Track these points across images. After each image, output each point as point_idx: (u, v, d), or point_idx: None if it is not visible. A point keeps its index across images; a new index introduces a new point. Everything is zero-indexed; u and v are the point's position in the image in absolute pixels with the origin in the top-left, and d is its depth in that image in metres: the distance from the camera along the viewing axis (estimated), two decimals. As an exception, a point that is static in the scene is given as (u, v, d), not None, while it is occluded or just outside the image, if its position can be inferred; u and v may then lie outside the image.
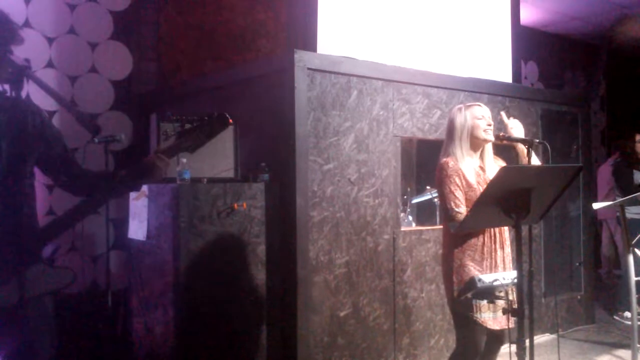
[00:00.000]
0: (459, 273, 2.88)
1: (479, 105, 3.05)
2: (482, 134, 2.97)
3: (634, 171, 5.84)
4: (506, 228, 3.01)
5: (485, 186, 2.88)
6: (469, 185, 2.91)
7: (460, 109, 3.03)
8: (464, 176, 2.92)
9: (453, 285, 2.89)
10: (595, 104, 8.97)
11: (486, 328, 2.86)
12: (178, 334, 3.43)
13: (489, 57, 5.59)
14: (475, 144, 3.00)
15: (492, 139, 3.01)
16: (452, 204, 2.88)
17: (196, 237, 3.42)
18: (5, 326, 2.12)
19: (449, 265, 2.94)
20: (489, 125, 2.99)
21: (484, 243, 2.91)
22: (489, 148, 3.07)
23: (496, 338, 2.99)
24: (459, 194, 2.88)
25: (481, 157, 3.06)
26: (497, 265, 2.93)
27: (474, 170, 2.98)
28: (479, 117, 2.98)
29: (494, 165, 3.08)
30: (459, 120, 3.00)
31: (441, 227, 4.30)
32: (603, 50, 8.98)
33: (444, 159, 2.98)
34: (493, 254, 2.93)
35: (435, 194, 4.48)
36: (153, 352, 3.72)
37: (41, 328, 2.21)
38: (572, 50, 8.81)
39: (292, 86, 3.62)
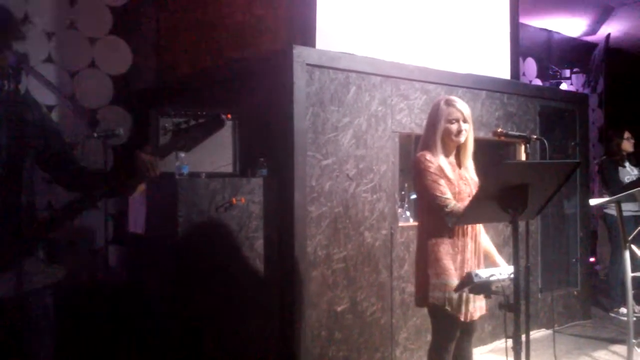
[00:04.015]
0: (434, 267, 2.89)
1: (454, 105, 2.96)
2: (451, 138, 2.94)
3: (619, 168, 5.83)
4: None
5: (462, 182, 2.93)
6: (448, 179, 2.90)
7: (438, 104, 2.99)
8: (442, 170, 2.91)
9: (428, 278, 2.90)
10: (593, 101, 8.98)
11: (458, 320, 2.90)
12: (177, 328, 3.44)
13: (488, 53, 5.59)
14: (447, 143, 2.98)
15: (462, 141, 2.96)
16: (438, 192, 2.85)
17: (194, 231, 3.43)
18: (3, 320, 2.12)
19: (424, 258, 2.95)
20: (459, 131, 2.94)
21: (457, 236, 2.91)
22: (468, 146, 3.02)
23: (465, 330, 3.02)
24: (442, 182, 2.87)
25: (457, 153, 3.03)
26: (468, 259, 2.93)
27: (450, 165, 2.98)
28: (452, 120, 2.94)
29: (472, 163, 3.07)
30: (434, 117, 2.98)
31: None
32: (601, 47, 8.99)
33: (420, 152, 2.96)
34: (465, 247, 2.93)
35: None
36: (152, 347, 3.74)
37: (41, 324, 2.21)
38: (571, 47, 8.82)
39: (291, 82, 3.63)
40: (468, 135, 2.99)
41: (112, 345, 4.12)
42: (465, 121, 2.96)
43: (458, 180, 2.94)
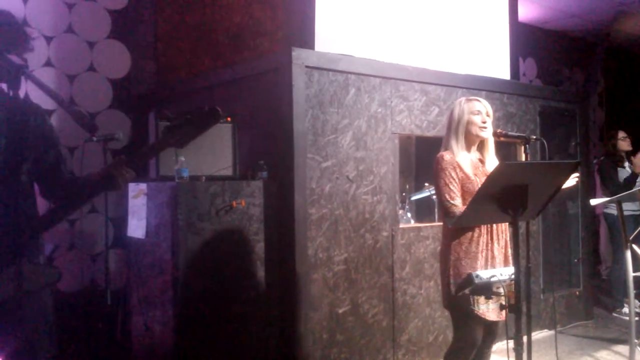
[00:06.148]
0: (455, 267, 2.91)
1: (478, 100, 3.07)
2: (475, 130, 2.99)
3: (619, 169, 5.83)
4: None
5: (484, 178, 2.90)
6: (466, 177, 2.93)
7: (459, 103, 3.06)
8: (460, 168, 2.93)
9: (449, 278, 2.91)
10: (593, 100, 8.97)
11: (484, 320, 2.88)
12: (177, 332, 3.43)
13: (487, 53, 5.59)
14: (470, 139, 3.02)
15: (486, 136, 3.02)
16: (447, 196, 2.90)
17: (195, 235, 3.43)
18: (3, 322, 2.12)
19: (447, 258, 2.96)
20: (484, 122, 3.00)
21: (480, 235, 2.92)
22: (489, 142, 3.08)
23: (491, 331, 3.02)
24: (454, 186, 2.90)
25: (480, 150, 3.08)
26: (494, 257, 2.94)
27: (472, 162, 3.00)
28: (475, 112, 2.99)
29: (495, 159, 3.09)
30: (456, 113, 3.03)
31: (440, 224, 4.32)
32: (601, 47, 8.98)
33: (440, 152, 3.01)
34: (489, 246, 2.94)
35: (434, 191, 4.49)
36: (152, 351, 3.73)
37: (41, 327, 2.21)
38: (571, 47, 8.81)
39: (290, 84, 3.62)
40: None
41: (111, 347, 4.12)
42: (487, 115, 3.02)
43: (481, 176, 2.95)
